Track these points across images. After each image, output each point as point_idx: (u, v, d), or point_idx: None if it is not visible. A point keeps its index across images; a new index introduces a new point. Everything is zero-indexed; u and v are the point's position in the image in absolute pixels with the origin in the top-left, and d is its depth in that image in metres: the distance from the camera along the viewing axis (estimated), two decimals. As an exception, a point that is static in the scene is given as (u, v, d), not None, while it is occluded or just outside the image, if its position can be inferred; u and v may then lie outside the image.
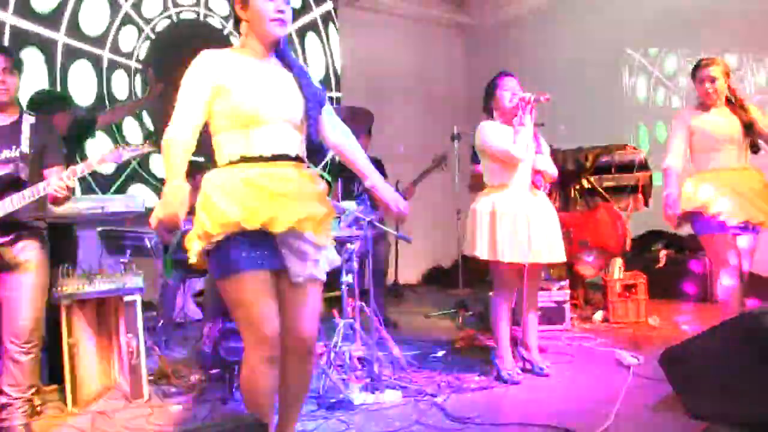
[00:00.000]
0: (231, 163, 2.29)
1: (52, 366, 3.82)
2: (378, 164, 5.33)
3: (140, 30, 6.22)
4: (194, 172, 5.30)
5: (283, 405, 2.49)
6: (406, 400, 3.40)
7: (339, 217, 3.63)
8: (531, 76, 7.09)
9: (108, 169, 5.82)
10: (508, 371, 3.69)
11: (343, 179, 5.14)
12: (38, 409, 3.47)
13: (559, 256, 3.72)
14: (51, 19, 5.66)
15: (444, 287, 7.25)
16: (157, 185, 5.91)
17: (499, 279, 3.73)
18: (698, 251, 5.71)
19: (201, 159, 5.47)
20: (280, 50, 2.41)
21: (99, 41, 5.98)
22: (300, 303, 2.37)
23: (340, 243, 3.65)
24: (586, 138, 5.69)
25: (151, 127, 6.11)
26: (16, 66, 2.98)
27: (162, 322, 4.48)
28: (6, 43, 5.20)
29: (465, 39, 8.71)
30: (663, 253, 5.82)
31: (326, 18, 7.45)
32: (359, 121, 3.76)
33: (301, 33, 7.24)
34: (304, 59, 7.17)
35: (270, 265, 2.25)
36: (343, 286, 3.77)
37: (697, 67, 3.77)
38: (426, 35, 8.23)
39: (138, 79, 6.18)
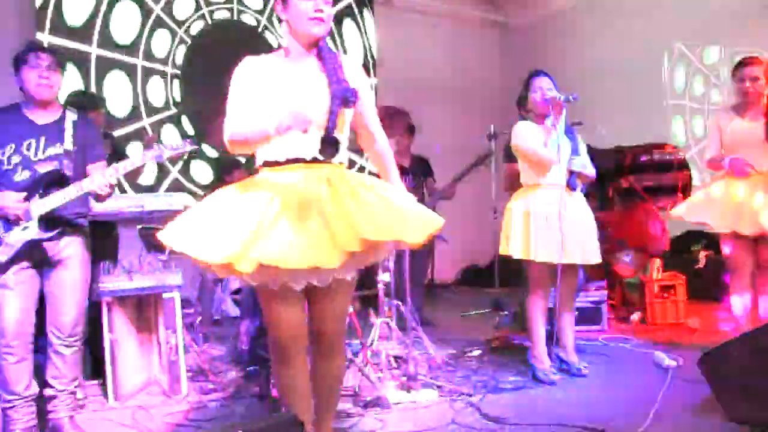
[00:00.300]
0: (257, 170, 2.38)
1: (95, 361, 3.90)
2: (425, 163, 5.34)
3: (174, 33, 6.30)
4: (232, 168, 5.42)
5: (316, 402, 2.51)
6: (441, 400, 3.41)
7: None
8: (568, 74, 7.05)
9: (148, 178, 5.95)
10: (544, 371, 3.67)
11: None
12: (81, 402, 3.57)
13: (594, 257, 3.70)
14: (83, 33, 5.76)
15: (480, 286, 7.22)
16: (197, 192, 5.93)
17: (533, 278, 3.71)
18: (740, 252, 5.59)
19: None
20: (319, 47, 2.39)
21: (132, 49, 6.06)
22: (327, 302, 2.38)
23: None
24: (625, 136, 5.61)
25: (191, 131, 6.19)
26: (59, 64, 3.04)
27: (200, 319, 4.55)
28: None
29: (500, 37, 8.66)
30: (703, 254, 5.71)
31: (360, 3, 7.50)
32: (396, 120, 3.77)
33: (338, 19, 7.28)
34: (342, 44, 7.23)
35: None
36: (380, 285, 3.78)
37: (740, 65, 3.71)
38: (461, 34, 8.20)
39: (176, 83, 6.26)
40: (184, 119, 6.23)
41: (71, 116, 3.07)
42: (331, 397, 2.55)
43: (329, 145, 2.31)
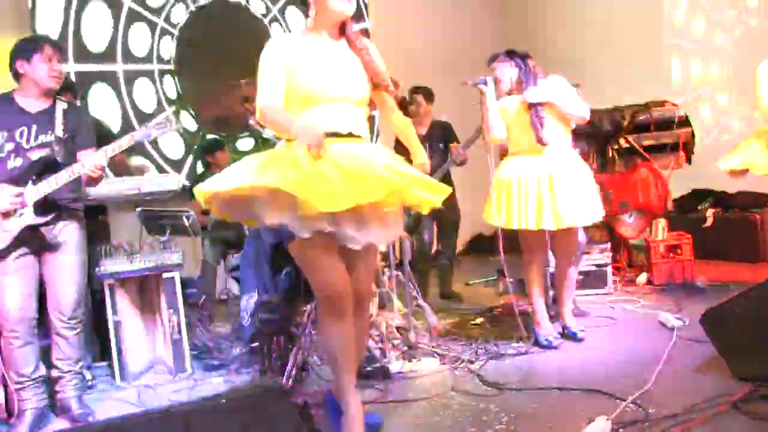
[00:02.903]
0: (290, 140, 2.39)
1: (102, 343, 3.95)
2: (444, 128, 5.29)
3: (152, 25, 5.88)
4: (213, 148, 5.42)
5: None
6: (442, 368, 3.41)
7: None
8: (568, 35, 6.96)
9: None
10: (545, 336, 3.66)
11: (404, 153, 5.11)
12: (89, 383, 3.63)
13: (587, 218, 3.58)
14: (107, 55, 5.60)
15: (486, 255, 7.19)
16: (166, 168, 5.77)
17: (525, 246, 3.71)
18: (748, 208, 5.53)
19: (219, 136, 5.55)
20: (347, 32, 2.52)
21: (109, 55, 5.70)
22: (360, 263, 2.49)
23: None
24: (627, 91, 5.52)
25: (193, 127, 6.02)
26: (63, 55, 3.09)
27: (204, 298, 4.58)
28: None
29: (501, 5, 8.50)
30: (710, 212, 5.63)
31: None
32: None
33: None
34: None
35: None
36: (378, 256, 3.76)
37: None
38: (461, 2, 8.06)
39: (167, 80, 5.93)
40: (185, 114, 6.01)
41: (61, 105, 3.12)
42: (361, 349, 2.72)
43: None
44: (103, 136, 3.58)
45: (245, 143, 6.14)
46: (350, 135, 2.45)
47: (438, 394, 3.05)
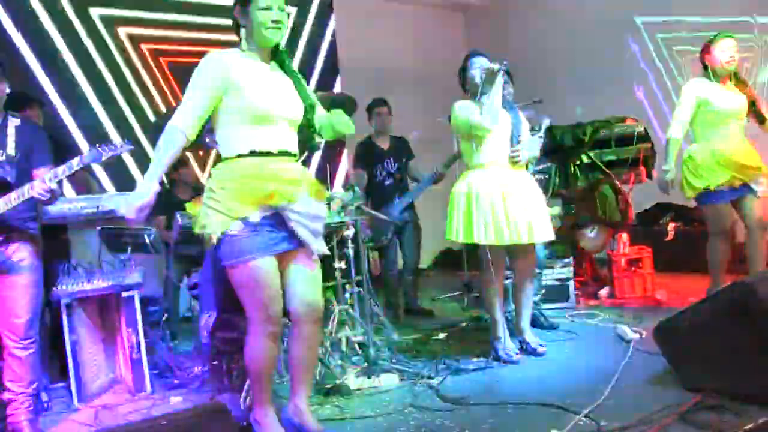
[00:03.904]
0: (240, 156, 2.50)
1: (61, 363, 3.89)
2: (404, 143, 5.32)
3: None
4: (178, 165, 5.39)
5: (298, 375, 2.71)
6: (402, 384, 3.42)
7: (328, 204, 3.63)
8: (531, 53, 7.05)
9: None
10: (506, 351, 3.67)
11: (369, 166, 5.16)
12: (46, 405, 3.57)
13: (544, 235, 3.61)
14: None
15: (454, 270, 7.22)
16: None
17: (485, 261, 3.65)
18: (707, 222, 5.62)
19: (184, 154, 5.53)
20: (278, 57, 2.63)
21: None
22: (310, 275, 2.63)
23: (332, 230, 3.67)
24: (592, 112, 5.61)
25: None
26: (3, 72, 3.01)
27: (166, 316, 4.54)
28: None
29: (463, 19, 8.61)
30: (671, 226, 5.73)
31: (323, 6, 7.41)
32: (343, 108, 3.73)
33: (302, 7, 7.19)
34: (304, 48, 7.17)
35: (282, 248, 2.51)
36: (337, 272, 3.77)
37: (717, 38, 3.95)
38: (423, 17, 8.14)
39: None
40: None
41: (14, 122, 3.05)
42: (312, 369, 2.88)
43: (307, 141, 2.70)
44: (67, 148, 3.56)
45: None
46: (291, 155, 2.62)
47: (396, 410, 3.05)
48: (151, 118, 6.17)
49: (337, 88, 7.35)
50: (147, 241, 4.11)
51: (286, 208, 2.48)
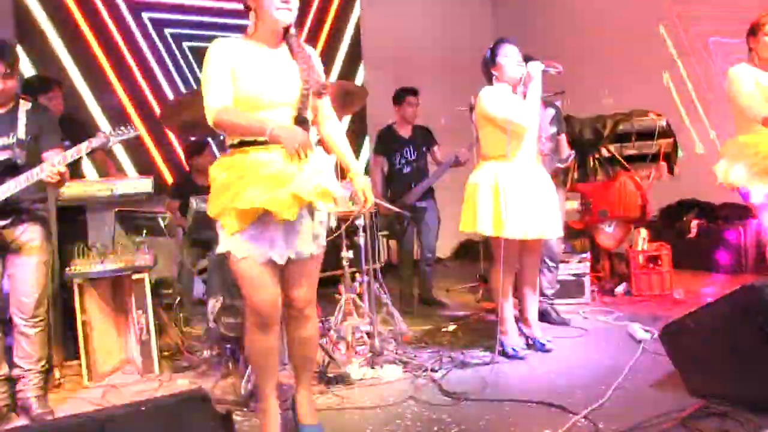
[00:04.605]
0: (232, 146, 2.48)
1: (76, 341, 3.97)
2: (426, 132, 5.29)
3: None
4: (194, 152, 5.42)
5: (295, 368, 2.72)
6: (405, 376, 3.41)
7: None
8: (558, 43, 6.91)
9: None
10: (512, 346, 3.64)
11: (389, 154, 5.14)
12: (57, 382, 3.66)
13: (558, 231, 3.68)
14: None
15: (473, 261, 7.18)
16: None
17: (502, 254, 3.61)
18: (732, 220, 5.49)
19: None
20: (288, 39, 2.54)
21: None
22: (302, 274, 2.57)
23: (344, 219, 3.66)
24: (625, 100, 5.48)
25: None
26: (13, 65, 3.04)
27: (179, 299, 4.60)
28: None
29: (491, 7, 8.48)
30: (694, 223, 5.61)
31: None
32: (353, 97, 3.70)
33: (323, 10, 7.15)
34: (327, 35, 7.12)
35: (275, 250, 2.43)
36: (344, 262, 3.77)
37: (763, 22, 3.57)
38: (452, 3, 8.04)
39: None
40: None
41: (25, 105, 3.10)
42: (310, 363, 2.79)
43: (302, 125, 2.49)
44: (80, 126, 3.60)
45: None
46: None
47: (395, 402, 3.05)
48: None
49: (360, 76, 7.32)
50: (162, 224, 4.15)
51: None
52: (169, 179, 5.94)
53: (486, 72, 3.67)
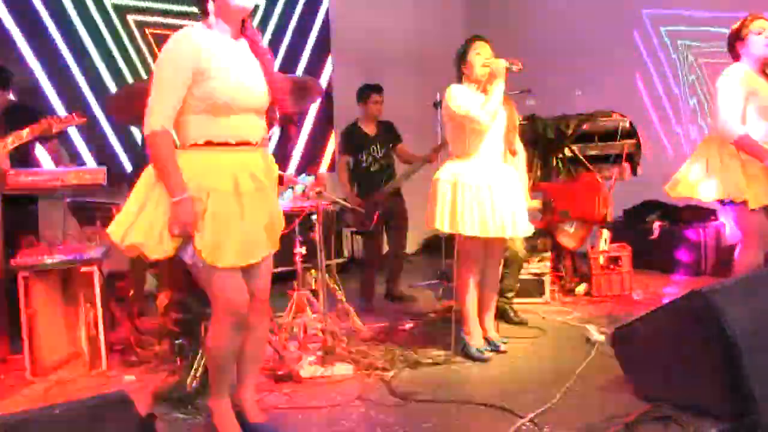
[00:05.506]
0: (196, 145, 2.35)
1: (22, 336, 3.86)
2: (391, 127, 5.22)
3: None
4: None
5: (242, 365, 2.64)
6: (355, 375, 3.36)
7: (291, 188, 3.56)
8: (530, 40, 6.89)
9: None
10: (477, 347, 3.59)
11: (355, 152, 5.09)
12: (-1, 376, 3.56)
13: (524, 230, 3.60)
14: None
15: (438, 257, 7.14)
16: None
17: (463, 252, 3.62)
18: (694, 222, 5.52)
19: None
20: (247, 32, 2.46)
21: None
22: (260, 272, 2.55)
23: (294, 215, 3.60)
24: (595, 101, 5.47)
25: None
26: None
27: (132, 292, 4.50)
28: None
29: (462, 3, 8.41)
30: (657, 224, 5.62)
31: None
32: (306, 90, 3.63)
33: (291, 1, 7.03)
34: (295, 26, 7.01)
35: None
36: (297, 258, 3.71)
37: (745, 25, 3.39)
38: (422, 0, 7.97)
39: None
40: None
41: None
42: (259, 360, 2.82)
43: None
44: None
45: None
46: (257, 144, 2.46)
47: (342, 402, 3.01)
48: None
49: (328, 69, 7.23)
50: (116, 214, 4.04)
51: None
52: (129, 169, 5.80)
53: (457, 69, 3.65)
